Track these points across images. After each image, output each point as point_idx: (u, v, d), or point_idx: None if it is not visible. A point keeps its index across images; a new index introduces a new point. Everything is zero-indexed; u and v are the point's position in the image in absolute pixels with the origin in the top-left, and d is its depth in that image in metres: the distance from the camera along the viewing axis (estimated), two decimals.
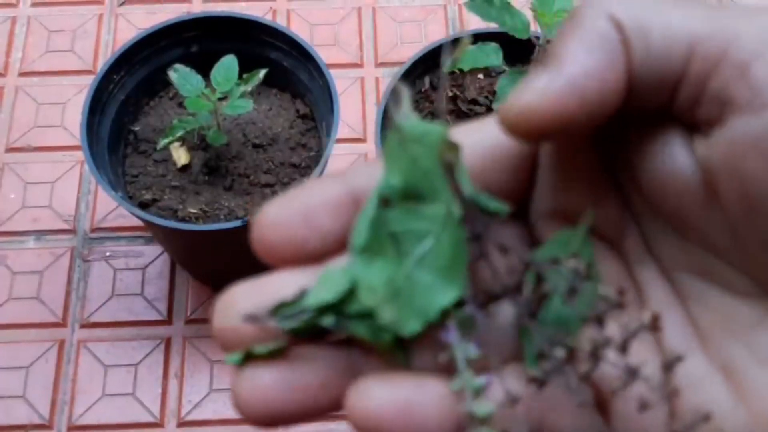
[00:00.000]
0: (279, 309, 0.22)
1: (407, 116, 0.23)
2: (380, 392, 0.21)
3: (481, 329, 0.23)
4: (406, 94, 0.23)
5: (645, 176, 0.22)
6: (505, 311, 0.23)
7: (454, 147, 0.22)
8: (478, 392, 0.22)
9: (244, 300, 0.22)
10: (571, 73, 0.20)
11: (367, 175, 0.23)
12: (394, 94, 0.64)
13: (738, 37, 0.20)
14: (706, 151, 0.21)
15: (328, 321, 0.22)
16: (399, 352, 0.23)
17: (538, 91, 0.20)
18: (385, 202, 0.22)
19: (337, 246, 0.23)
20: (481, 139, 0.23)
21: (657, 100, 0.21)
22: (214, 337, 0.22)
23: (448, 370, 0.22)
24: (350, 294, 0.22)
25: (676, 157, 0.21)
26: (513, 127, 0.21)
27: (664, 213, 0.22)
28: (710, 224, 0.21)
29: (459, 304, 0.23)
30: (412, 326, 0.22)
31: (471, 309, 0.22)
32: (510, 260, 0.23)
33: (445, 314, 0.22)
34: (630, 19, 0.20)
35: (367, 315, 0.22)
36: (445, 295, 0.22)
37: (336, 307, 0.22)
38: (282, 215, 0.22)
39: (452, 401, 0.22)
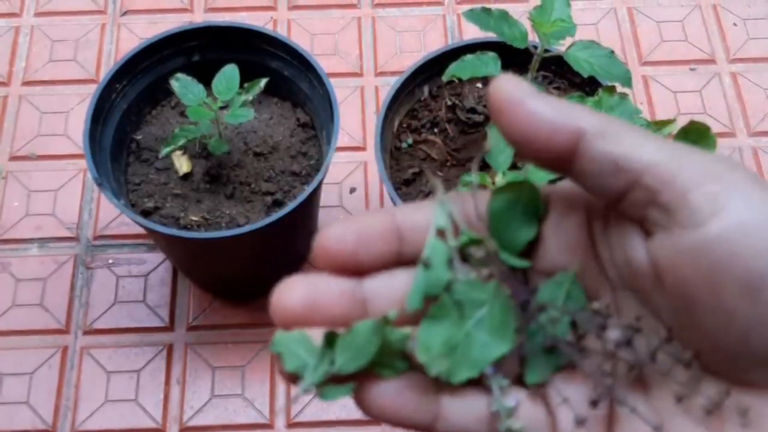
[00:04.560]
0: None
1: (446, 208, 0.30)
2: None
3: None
4: (441, 187, 0.30)
5: (616, 258, 0.29)
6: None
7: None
8: (510, 413, 0.28)
9: (299, 286, 0.28)
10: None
11: (409, 213, 0.30)
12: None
13: (682, 169, 0.26)
14: (656, 251, 0.27)
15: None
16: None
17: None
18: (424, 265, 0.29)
19: (379, 263, 0.29)
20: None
21: (611, 189, 0.27)
22: (272, 313, 0.28)
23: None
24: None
25: (636, 250, 0.28)
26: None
27: (629, 287, 0.29)
28: (659, 301, 0.28)
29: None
30: (462, 375, 0.28)
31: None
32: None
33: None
34: (591, 126, 0.27)
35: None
36: (497, 350, 0.29)
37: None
38: (340, 231, 0.29)
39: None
